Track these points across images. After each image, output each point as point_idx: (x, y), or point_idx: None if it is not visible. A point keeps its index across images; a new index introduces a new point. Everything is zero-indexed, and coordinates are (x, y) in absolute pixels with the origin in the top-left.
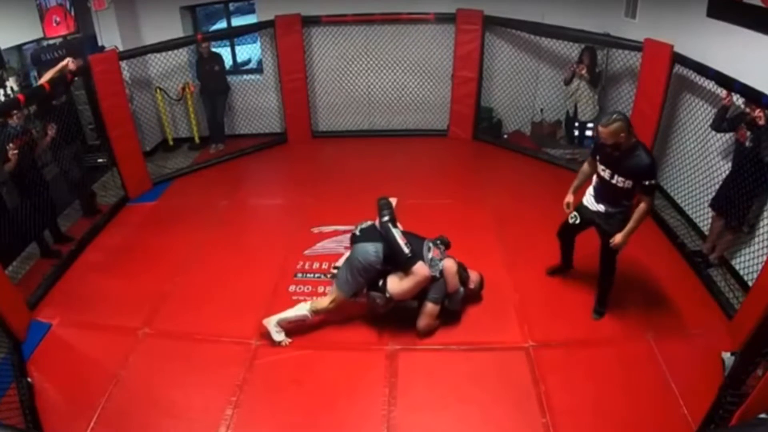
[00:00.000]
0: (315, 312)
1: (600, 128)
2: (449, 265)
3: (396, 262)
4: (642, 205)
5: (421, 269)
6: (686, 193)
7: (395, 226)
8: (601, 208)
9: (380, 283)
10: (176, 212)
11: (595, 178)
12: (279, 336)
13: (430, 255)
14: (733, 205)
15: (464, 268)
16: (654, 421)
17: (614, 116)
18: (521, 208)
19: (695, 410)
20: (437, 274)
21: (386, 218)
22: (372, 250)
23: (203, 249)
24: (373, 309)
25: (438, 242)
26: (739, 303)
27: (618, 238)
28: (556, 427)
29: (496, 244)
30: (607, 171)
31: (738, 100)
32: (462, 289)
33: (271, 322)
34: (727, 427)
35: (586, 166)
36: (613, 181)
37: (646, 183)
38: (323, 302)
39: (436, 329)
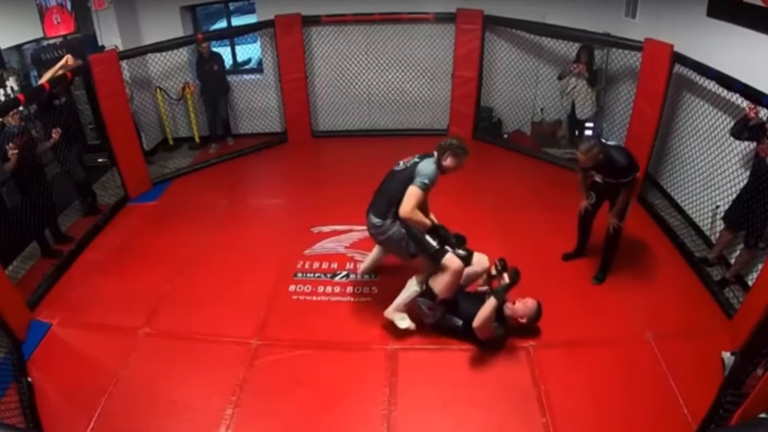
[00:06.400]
0: (422, 283)
1: (579, 155)
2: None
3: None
4: (622, 197)
5: (452, 261)
6: (686, 193)
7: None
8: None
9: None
10: (176, 212)
11: None
12: (404, 323)
13: None
14: (752, 223)
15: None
16: (654, 421)
17: (592, 143)
18: (521, 207)
19: (695, 410)
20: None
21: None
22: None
23: (203, 249)
24: (421, 318)
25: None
26: (739, 303)
27: (611, 219)
28: (556, 426)
29: (495, 243)
30: (598, 175)
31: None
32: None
33: (390, 313)
34: (727, 427)
35: (580, 177)
36: (607, 180)
37: (623, 181)
38: (423, 273)
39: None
